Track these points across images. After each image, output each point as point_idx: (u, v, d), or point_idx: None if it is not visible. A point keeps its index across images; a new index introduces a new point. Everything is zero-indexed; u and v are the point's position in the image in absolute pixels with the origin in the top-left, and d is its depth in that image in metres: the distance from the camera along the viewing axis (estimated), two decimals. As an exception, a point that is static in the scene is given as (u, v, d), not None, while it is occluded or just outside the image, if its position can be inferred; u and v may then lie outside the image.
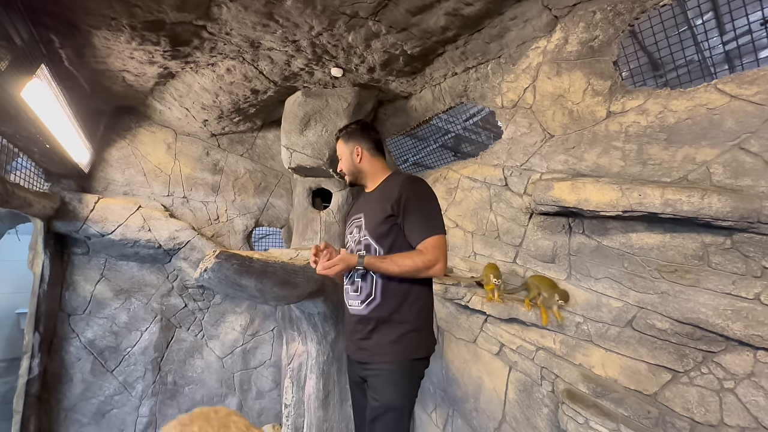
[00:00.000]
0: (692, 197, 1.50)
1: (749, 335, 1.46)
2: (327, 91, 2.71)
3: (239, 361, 3.52)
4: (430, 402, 3.18)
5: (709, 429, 1.59)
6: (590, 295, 2.06)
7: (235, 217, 3.64)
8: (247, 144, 3.63)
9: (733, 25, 2.17)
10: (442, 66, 2.38)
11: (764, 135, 1.50)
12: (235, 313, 3.51)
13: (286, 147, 2.81)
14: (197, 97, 2.54)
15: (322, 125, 2.71)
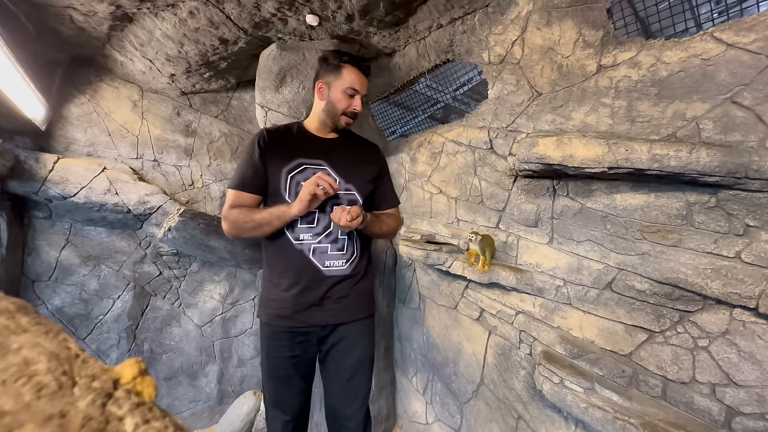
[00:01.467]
0: (680, 152, 1.44)
1: (727, 293, 1.44)
2: (304, 44, 2.52)
3: (219, 330, 3.47)
4: (411, 368, 3.21)
5: (681, 386, 1.60)
6: (571, 258, 2.02)
7: (211, 182, 3.48)
8: (222, 105, 3.42)
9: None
10: (427, 16, 2.21)
11: (758, 87, 1.42)
12: (213, 281, 3.42)
13: (260, 105, 2.64)
14: (160, 47, 2.33)
15: (299, 82, 2.54)
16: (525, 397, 2.22)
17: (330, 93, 1.51)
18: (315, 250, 1.49)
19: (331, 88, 1.50)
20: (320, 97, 1.50)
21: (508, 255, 2.39)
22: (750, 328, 1.42)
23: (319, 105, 1.51)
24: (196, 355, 3.37)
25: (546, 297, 2.13)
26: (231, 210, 1.43)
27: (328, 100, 1.50)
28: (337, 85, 1.45)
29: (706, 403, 1.52)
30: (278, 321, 1.47)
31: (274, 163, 1.45)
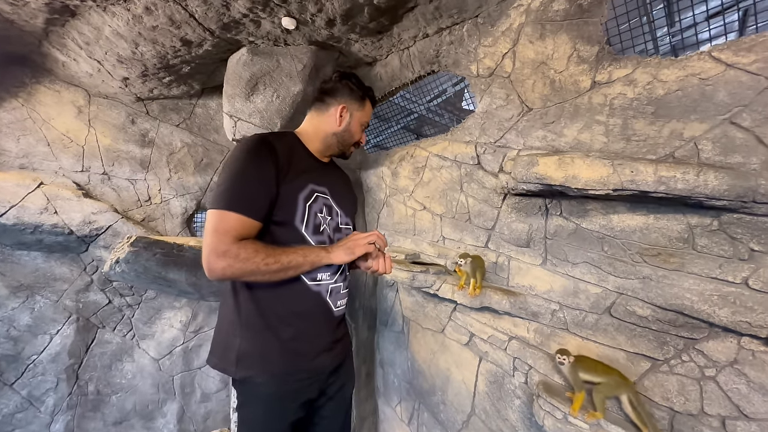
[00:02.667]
0: (687, 174, 1.37)
1: (736, 321, 1.37)
2: (278, 49, 2.31)
3: (180, 362, 3.10)
4: (395, 395, 3.01)
5: (689, 418, 1.52)
6: (567, 281, 1.93)
7: (171, 198, 3.14)
8: (184, 113, 3.11)
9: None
10: (413, 25, 2.08)
11: (757, 108, 1.39)
12: (173, 308, 3.06)
13: (229, 114, 2.39)
14: (110, 46, 2.03)
15: (273, 90, 2.32)
16: (521, 428, 2.09)
17: (351, 122, 1.31)
18: (332, 291, 1.28)
19: (353, 117, 1.29)
20: (338, 121, 1.27)
21: (498, 276, 2.27)
22: (760, 358, 1.36)
23: (332, 128, 1.27)
24: (152, 392, 2.98)
25: (541, 322, 2.03)
26: (238, 245, 1.03)
27: (347, 128, 1.28)
28: (358, 116, 1.29)
29: (716, 436, 1.44)
30: (282, 380, 1.20)
31: (289, 186, 1.15)
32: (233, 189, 1.06)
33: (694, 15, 1.99)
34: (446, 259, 2.52)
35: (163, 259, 1.44)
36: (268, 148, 1.12)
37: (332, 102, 1.27)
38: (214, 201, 1.05)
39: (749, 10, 2.44)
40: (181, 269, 1.51)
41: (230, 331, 1.18)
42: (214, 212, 1.05)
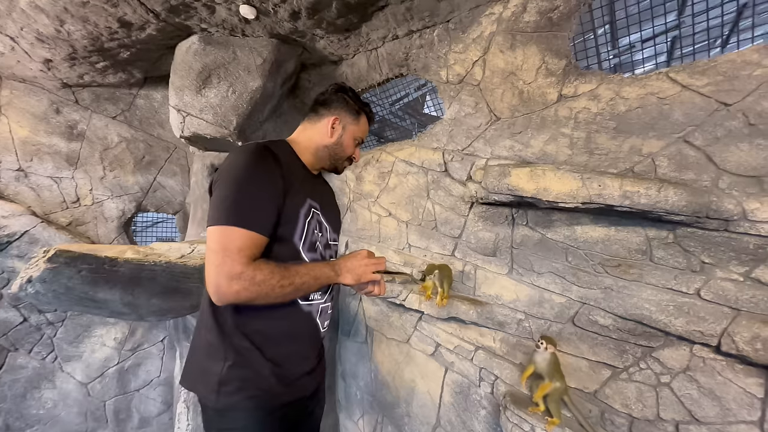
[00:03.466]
0: (650, 189, 1.42)
1: (690, 331, 1.44)
2: (235, 39, 2.11)
3: (113, 385, 2.75)
4: (357, 409, 2.89)
5: (646, 423, 1.58)
6: (532, 290, 1.95)
7: (105, 199, 2.78)
8: (123, 103, 2.77)
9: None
10: (383, 25, 1.99)
11: (708, 129, 1.47)
12: (105, 324, 2.70)
13: (177, 108, 2.14)
14: (27, 21, 1.71)
15: (228, 84, 2.11)
16: (486, 439, 2.08)
17: (344, 135, 1.22)
18: (321, 311, 1.20)
19: (346, 131, 1.20)
20: (330, 133, 1.18)
21: (465, 285, 2.25)
22: (710, 365, 1.44)
23: (324, 140, 1.19)
24: (78, 422, 2.60)
25: (507, 331, 2.03)
26: (254, 266, 0.93)
27: (339, 141, 1.20)
28: (352, 129, 1.21)
29: (671, 441, 1.51)
30: (270, 408, 1.09)
31: (291, 200, 1.06)
32: (242, 202, 0.94)
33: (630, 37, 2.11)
34: (413, 268, 2.46)
35: (91, 277, 1.21)
36: (273, 158, 1.02)
37: (325, 113, 1.18)
38: (218, 216, 0.93)
39: (677, 37, 2.71)
40: (114, 287, 1.28)
41: (211, 354, 1.03)
42: (221, 229, 0.92)
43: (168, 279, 1.51)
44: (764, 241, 1.34)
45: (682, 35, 2.75)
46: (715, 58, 1.45)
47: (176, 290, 1.57)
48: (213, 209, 0.95)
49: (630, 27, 2.34)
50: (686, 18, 2.64)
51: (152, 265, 1.45)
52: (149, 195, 3.02)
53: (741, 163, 1.40)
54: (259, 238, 0.95)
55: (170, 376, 2.98)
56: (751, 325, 1.31)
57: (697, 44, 2.60)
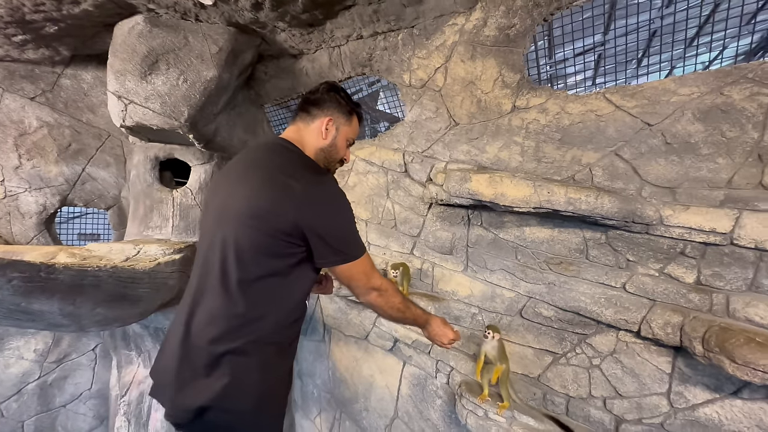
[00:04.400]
0: (589, 197, 1.60)
1: (617, 319, 1.67)
2: (186, 24, 1.95)
3: (33, 403, 2.44)
4: (314, 407, 2.89)
5: (580, 401, 1.80)
6: (486, 286, 2.10)
7: (21, 192, 2.43)
8: (44, 83, 2.42)
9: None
10: (348, 23, 1.98)
11: (635, 145, 1.70)
12: (23, 334, 2.38)
13: (117, 95, 1.93)
14: (-76, -19, 1.43)
15: (179, 72, 1.95)
16: (441, 426, 2.21)
17: (337, 136, 1.18)
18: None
19: (339, 132, 1.18)
20: (324, 135, 1.15)
21: (423, 282, 2.35)
22: (631, 348, 1.68)
23: (319, 142, 1.15)
24: (-11, 448, 2.28)
25: (462, 325, 2.16)
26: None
27: (333, 143, 1.17)
28: (344, 131, 1.20)
29: (599, 415, 1.74)
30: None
31: None
32: (356, 232, 1.09)
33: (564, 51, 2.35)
34: (372, 266, 2.50)
35: (25, 287, 1.05)
36: None
37: (318, 114, 1.14)
38: (356, 250, 1.05)
39: (602, 54, 3.10)
40: (53, 297, 1.12)
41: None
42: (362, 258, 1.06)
43: (114, 285, 1.37)
44: (674, 242, 1.59)
45: (606, 54, 3.14)
46: (641, 84, 1.68)
47: (124, 297, 1.43)
48: (348, 245, 1.03)
49: (564, 43, 2.61)
50: (610, 40, 3.02)
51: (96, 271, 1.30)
52: (77, 188, 2.69)
53: (659, 175, 1.64)
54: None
55: (104, 387, 2.71)
56: (664, 313, 1.55)
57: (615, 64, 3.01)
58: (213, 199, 1.09)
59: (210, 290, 0.97)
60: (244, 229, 0.94)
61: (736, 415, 1.46)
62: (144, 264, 1.59)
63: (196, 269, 1.04)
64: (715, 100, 1.52)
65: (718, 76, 1.52)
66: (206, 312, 0.95)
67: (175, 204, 2.39)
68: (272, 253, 0.95)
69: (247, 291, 0.94)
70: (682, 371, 1.57)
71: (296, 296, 1.04)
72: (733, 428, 1.46)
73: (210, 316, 0.94)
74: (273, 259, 0.95)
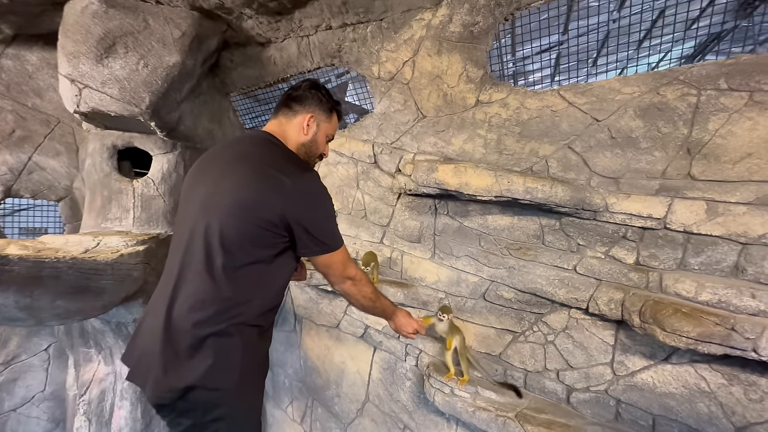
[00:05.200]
0: (545, 186, 1.74)
1: (569, 298, 1.83)
2: (146, 6, 1.87)
3: (-21, 407, 2.28)
4: (285, 396, 2.91)
5: (536, 375, 1.96)
6: (452, 272, 2.21)
7: (-43, 182, 2.24)
8: (-18, 63, 2.23)
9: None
10: (317, 13, 1.98)
11: (585, 139, 1.85)
12: (-35, 335, 2.21)
13: (70, 78, 1.83)
14: None
15: (139, 56, 1.87)
16: (410, 406, 2.31)
17: (318, 132, 1.22)
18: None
19: (320, 128, 1.22)
20: (305, 131, 1.18)
21: (393, 270, 2.42)
22: (581, 324, 1.85)
23: (300, 138, 1.18)
24: (-72, 458, 2.11)
25: (430, 309, 2.26)
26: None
27: (314, 139, 1.21)
28: (324, 127, 1.24)
29: (553, 386, 1.90)
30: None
31: None
32: (336, 225, 1.14)
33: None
34: (343, 256, 2.54)
35: None
36: None
37: (300, 110, 1.18)
38: (332, 241, 1.10)
39: (560, 53, 3.33)
40: (8, 290, 1.07)
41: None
42: (341, 250, 1.13)
43: (76, 277, 1.31)
44: (617, 227, 1.76)
45: (562, 54, 3.36)
46: (591, 83, 1.83)
47: (87, 289, 1.37)
48: (328, 236, 1.08)
49: (525, 41, 2.77)
50: (566, 40, 3.24)
51: (55, 262, 1.24)
52: (23, 178, 2.51)
53: (605, 167, 1.80)
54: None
55: (59, 389, 2.58)
56: (608, 291, 1.72)
57: (572, 62, 3.24)
58: (195, 188, 1.09)
59: (194, 277, 0.99)
60: (230, 219, 0.97)
61: (666, 378, 1.65)
62: (106, 256, 1.53)
63: (175, 257, 1.05)
64: (652, 99, 1.69)
65: (655, 77, 1.69)
66: (191, 297, 0.97)
67: (136, 195, 2.29)
68: (258, 242, 0.99)
69: (233, 277, 0.98)
70: (623, 342, 1.75)
71: (278, 282, 1.09)
72: (664, 390, 1.65)
73: (196, 300, 0.97)
74: (258, 248, 0.99)
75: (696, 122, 1.62)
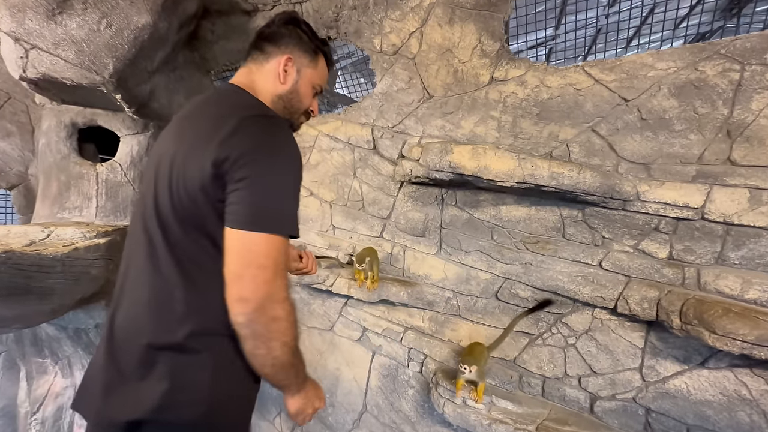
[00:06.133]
0: (572, 171, 1.55)
1: (594, 297, 1.65)
2: (109, -45, 1.58)
3: None
4: (273, 407, 2.64)
5: (556, 381, 1.77)
6: (460, 269, 2.00)
7: None
8: None
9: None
10: (312, -26, 1.74)
11: (611, 121, 1.67)
12: None
13: (15, 37, 1.52)
14: None
15: (101, 14, 1.58)
16: (414, 417, 2.10)
17: (299, 80, 0.93)
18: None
19: (301, 75, 0.93)
20: (282, 78, 0.90)
21: (394, 267, 2.20)
22: (606, 325, 1.68)
23: (277, 88, 0.90)
24: None
25: (436, 310, 2.06)
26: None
27: (294, 89, 0.93)
28: (308, 74, 0.95)
29: (575, 393, 1.72)
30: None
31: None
32: (293, 204, 0.78)
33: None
34: (338, 251, 2.30)
35: None
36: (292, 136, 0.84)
37: (274, 52, 0.90)
38: (269, 217, 0.72)
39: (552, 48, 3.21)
40: None
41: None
42: (273, 239, 0.72)
43: (12, 275, 1.03)
44: (649, 218, 1.59)
45: (557, 49, 3.24)
46: (621, 57, 1.64)
47: (28, 291, 1.08)
48: (260, 207, 0.71)
49: (519, 34, 2.62)
50: (561, 34, 3.11)
51: (-15, 256, 0.96)
52: (-36, 161, 2.16)
53: (634, 151, 1.63)
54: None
55: (10, 404, 2.25)
56: (640, 288, 1.55)
57: (568, 57, 3.13)
58: (147, 168, 0.83)
59: (138, 274, 0.74)
60: (169, 194, 0.71)
61: (702, 384, 1.49)
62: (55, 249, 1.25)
63: (124, 252, 0.80)
64: (689, 76, 1.52)
65: (693, 51, 1.52)
66: (134, 301, 0.72)
67: (100, 181, 1.98)
68: (200, 215, 0.72)
69: (181, 269, 0.72)
70: (654, 345, 1.59)
71: None
72: (699, 397, 1.49)
73: (139, 304, 0.72)
74: (205, 224, 0.73)
75: (738, 101, 1.46)
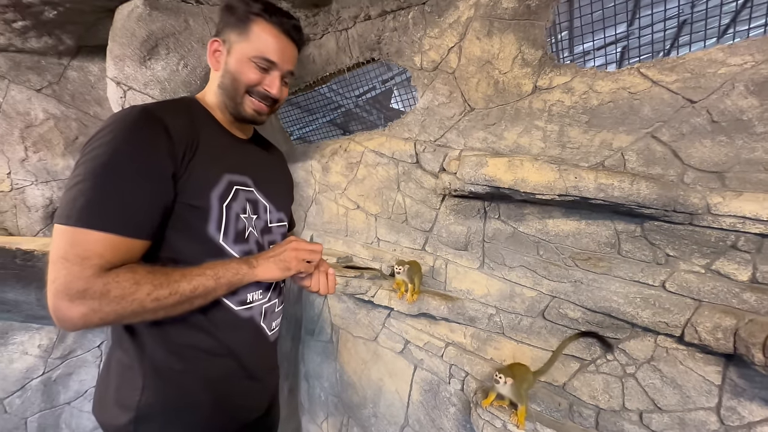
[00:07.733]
0: (623, 182, 1.42)
1: (656, 322, 1.47)
2: (187, 7, 1.88)
3: (37, 399, 2.40)
4: (321, 411, 2.76)
5: (612, 414, 1.60)
6: (504, 284, 1.92)
7: (27, 185, 2.41)
8: (50, 75, 2.40)
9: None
10: (354, 3, 1.86)
11: (674, 125, 1.50)
12: (28, 329, 2.35)
13: (116, 81, 1.87)
14: None
15: (179, 56, 1.88)
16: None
17: (229, 58, 0.87)
18: (266, 312, 0.97)
19: (233, 50, 0.87)
20: (214, 64, 0.89)
21: (436, 280, 2.19)
22: (672, 354, 1.48)
23: (215, 78, 0.90)
24: (-9, 444, 2.24)
25: (478, 326, 1.99)
26: (106, 278, 0.67)
27: (225, 70, 0.88)
28: (240, 48, 0.86)
29: (635, 430, 1.53)
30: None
31: (197, 181, 0.80)
32: (99, 193, 0.68)
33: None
34: (381, 263, 2.36)
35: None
36: (159, 125, 0.75)
37: (209, 40, 0.91)
38: (67, 212, 0.67)
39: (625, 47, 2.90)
40: (29, 286, 1.04)
41: (126, 380, 0.82)
42: (64, 230, 0.67)
43: None
44: (724, 234, 1.38)
45: (630, 46, 2.93)
46: (683, 56, 1.48)
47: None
48: (63, 201, 0.69)
49: (584, 35, 2.43)
50: (635, 30, 2.82)
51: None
52: (84, 182, 2.66)
53: (704, 158, 1.44)
54: (122, 241, 0.69)
55: (109, 385, 2.66)
56: (713, 315, 1.35)
57: (643, 55, 2.81)
58: None
59: None
60: None
61: (802, 436, 1.24)
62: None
63: None
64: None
65: (775, 41, 1.32)
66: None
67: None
68: None
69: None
70: (735, 383, 1.36)
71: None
72: (798, 451, 1.24)
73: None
74: None
75: (838, 96, 1.23)
